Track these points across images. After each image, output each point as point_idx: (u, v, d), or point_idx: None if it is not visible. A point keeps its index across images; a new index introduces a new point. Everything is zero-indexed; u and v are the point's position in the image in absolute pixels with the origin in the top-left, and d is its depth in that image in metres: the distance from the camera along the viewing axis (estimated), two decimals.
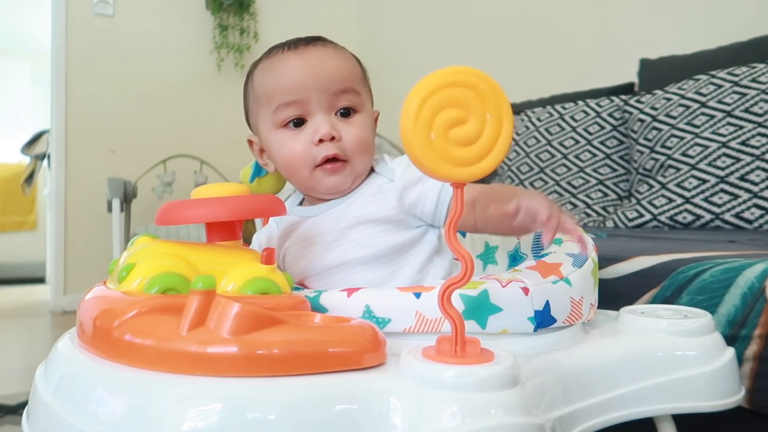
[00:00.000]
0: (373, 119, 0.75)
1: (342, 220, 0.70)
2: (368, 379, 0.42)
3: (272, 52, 0.73)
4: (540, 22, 2.36)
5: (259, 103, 0.72)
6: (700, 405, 0.58)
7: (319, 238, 0.71)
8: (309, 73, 0.69)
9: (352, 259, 0.69)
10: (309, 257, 0.71)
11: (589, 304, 0.60)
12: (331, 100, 0.69)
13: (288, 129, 0.70)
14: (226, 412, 0.38)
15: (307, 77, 0.68)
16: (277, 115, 0.70)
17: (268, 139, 0.72)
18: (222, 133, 2.93)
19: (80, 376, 0.44)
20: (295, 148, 0.70)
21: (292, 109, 0.69)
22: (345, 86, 0.70)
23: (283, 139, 0.71)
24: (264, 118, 0.72)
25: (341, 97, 0.70)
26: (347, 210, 0.71)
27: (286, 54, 0.71)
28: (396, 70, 3.00)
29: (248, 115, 0.77)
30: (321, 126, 0.68)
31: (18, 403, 1.43)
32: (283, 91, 0.69)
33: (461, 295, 0.51)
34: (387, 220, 0.70)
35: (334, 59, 0.71)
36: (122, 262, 0.50)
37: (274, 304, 0.47)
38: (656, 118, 1.55)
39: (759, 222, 1.29)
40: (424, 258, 0.70)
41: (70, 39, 2.76)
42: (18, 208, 4.22)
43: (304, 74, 0.69)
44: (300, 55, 0.70)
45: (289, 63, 0.70)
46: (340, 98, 0.70)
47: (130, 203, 2.60)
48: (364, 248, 0.68)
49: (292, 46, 0.72)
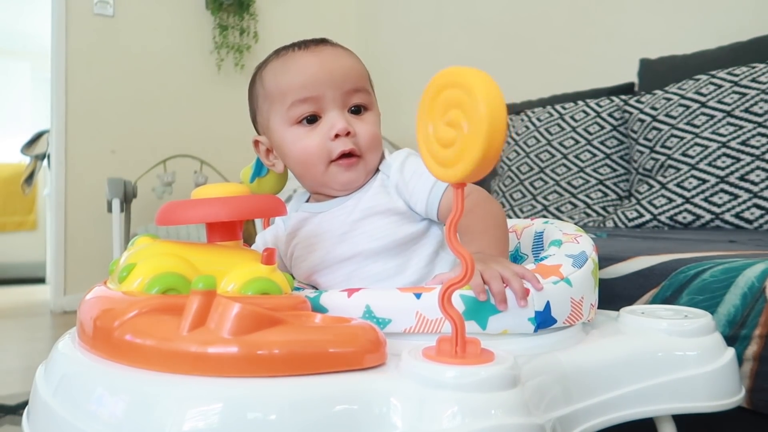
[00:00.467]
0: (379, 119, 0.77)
1: (352, 213, 0.72)
2: (368, 380, 0.42)
3: (281, 52, 0.74)
4: (540, 22, 2.36)
5: (271, 101, 0.73)
6: (700, 405, 0.58)
7: (330, 233, 0.72)
8: (324, 69, 0.70)
9: (363, 250, 0.70)
10: (319, 252, 0.72)
11: (590, 305, 0.60)
12: (344, 97, 0.71)
13: (302, 126, 0.71)
14: (227, 412, 0.38)
15: (322, 74, 0.70)
16: (292, 112, 0.71)
17: (281, 137, 0.73)
18: (222, 133, 2.93)
19: (80, 376, 0.44)
20: (310, 144, 0.71)
21: (307, 106, 0.70)
22: (358, 85, 0.72)
23: (298, 135, 0.71)
24: (277, 115, 0.73)
25: (354, 95, 0.72)
26: (357, 204, 0.72)
27: (299, 53, 0.72)
28: (396, 70, 3.00)
29: (256, 115, 0.78)
30: (337, 121, 0.70)
31: (18, 403, 1.43)
32: (298, 87, 0.70)
33: (462, 295, 0.51)
34: (396, 212, 0.71)
35: (345, 58, 0.73)
36: (123, 263, 0.50)
37: (274, 304, 0.47)
38: (656, 118, 1.55)
39: (759, 222, 1.29)
40: (431, 251, 0.71)
41: (70, 39, 2.76)
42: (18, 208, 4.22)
43: (319, 71, 0.70)
44: (313, 53, 0.72)
45: (303, 60, 0.71)
46: (353, 96, 0.72)
47: (130, 203, 2.60)
48: (375, 240, 0.69)
49: (302, 45, 0.73)
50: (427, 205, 0.69)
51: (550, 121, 1.89)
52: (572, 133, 1.82)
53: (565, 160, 1.81)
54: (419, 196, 0.69)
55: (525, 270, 0.55)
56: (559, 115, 1.88)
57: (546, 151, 1.86)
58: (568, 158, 1.81)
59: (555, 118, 1.89)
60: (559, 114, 1.89)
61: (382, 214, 0.71)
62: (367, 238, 0.70)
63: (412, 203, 0.70)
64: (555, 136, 1.86)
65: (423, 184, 0.69)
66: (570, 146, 1.81)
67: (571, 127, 1.83)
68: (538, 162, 1.87)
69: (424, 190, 0.69)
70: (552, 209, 1.78)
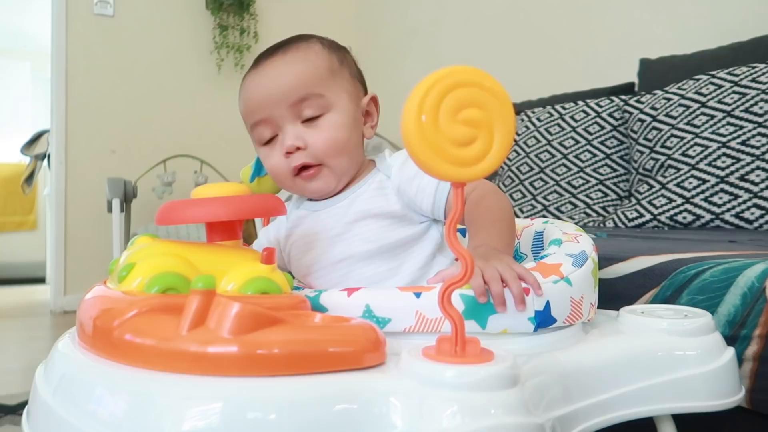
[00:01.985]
0: (359, 109, 0.74)
1: (346, 214, 0.71)
2: (368, 379, 0.42)
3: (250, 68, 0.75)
4: (540, 21, 2.36)
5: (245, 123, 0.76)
6: (700, 405, 0.58)
7: (324, 233, 0.72)
8: (264, 91, 0.71)
9: (355, 253, 0.69)
10: (314, 252, 0.72)
11: (589, 304, 0.60)
12: (292, 110, 0.70)
13: (266, 146, 0.73)
14: (226, 411, 0.38)
15: (264, 95, 0.71)
16: (254, 135, 0.74)
17: (258, 154, 0.77)
18: (222, 133, 2.93)
19: (80, 376, 0.44)
20: (273, 163, 0.72)
21: (262, 128, 0.72)
22: (303, 94, 0.70)
23: (264, 154, 0.74)
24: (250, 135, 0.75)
25: (302, 104, 0.70)
26: (351, 204, 0.72)
27: (250, 74, 0.73)
28: (396, 70, 3.00)
29: None
30: (285, 139, 0.70)
31: (18, 403, 1.43)
32: (251, 112, 0.72)
33: (461, 294, 0.51)
34: (390, 215, 0.70)
35: (289, 68, 0.71)
36: (122, 262, 0.50)
37: (274, 303, 0.47)
38: (656, 118, 1.55)
39: (759, 222, 1.29)
40: (427, 254, 0.70)
41: (70, 39, 2.76)
42: (18, 208, 4.22)
43: (261, 93, 0.71)
44: (259, 73, 0.72)
45: (252, 83, 0.72)
46: (301, 106, 0.70)
47: (130, 203, 2.60)
48: (368, 243, 0.69)
49: (256, 62, 0.74)
50: (434, 203, 0.68)
51: (550, 121, 1.89)
52: (572, 133, 1.82)
53: (565, 160, 1.81)
54: (425, 195, 0.68)
55: (526, 272, 0.53)
56: (559, 115, 1.88)
57: (546, 151, 1.86)
58: (568, 158, 1.81)
59: (555, 118, 1.89)
60: (559, 114, 1.89)
61: (376, 218, 0.70)
62: (361, 240, 0.69)
63: (418, 202, 0.69)
64: (555, 136, 1.86)
65: (429, 181, 0.68)
66: (570, 146, 1.81)
67: (571, 127, 1.83)
68: (538, 162, 1.87)
69: (431, 188, 0.68)
70: (552, 209, 1.78)
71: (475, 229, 0.64)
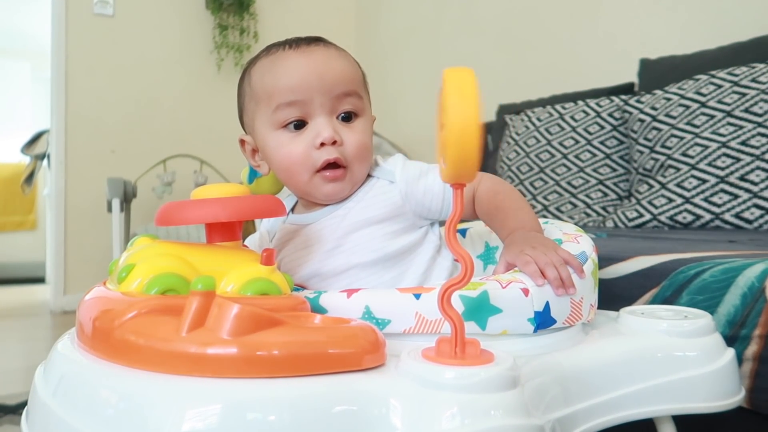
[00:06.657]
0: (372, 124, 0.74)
1: (342, 225, 0.69)
2: (368, 381, 0.42)
3: (272, 50, 0.70)
4: (540, 21, 2.36)
5: (256, 102, 0.70)
6: (700, 406, 0.58)
7: (320, 245, 0.69)
8: (312, 73, 0.66)
9: (358, 263, 0.67)
10: (311, 264, 0.69)
11: (589, 305, 0.60)
12: (333, 103, 0.67)
13: (287, 130, 0.68)
14: (226, 413, 0.38)
15: (311, 77, 0.66)
16: (277, 115, 0.67)
17: (264, 140, 0.70)
18: (222, 133, 2.92)
19: (80, 377, 0.44)
20: (294, 151, 0.67)
21: (293, 110, 0.67)
22: (348, 89, 0.68)
23: (282, 140, 0.68)
24: (262, 117, 0.69)
25: (344, 100, 0.68)
26: (346, 215, 0.69)
27: (288, 52, 0.68)
28: (396, 70, 3.00)
29: (243, 113, 0.74)
30: (323, 129, 0.66)
31: (18, 403, 1.43)
32: (285, 90, 0.66)
33: (461, 296, 0.51)
34: (391, 223, 0.69)
35: (337, 61, 0.69)
36: (122, 263, 0.50)
37: (273, 305, 0.47)
38: (656, 118, 1.55)
39: (759, 222, 1.29)
40: (428, 258, 0.70)
41: (70, 39, 2.76)
42: (18, 208, 4.22)
43: (308, 74, 0.66)
44: (303, 54, 0.68)
45: (292, 62, 0.67)
46: (343, 101, 0.68)
47: (130, 203, 2.60)
48: (371, 252, 0.67)
49: (293, 44, 0.69)
50: (444, 201, 0.68)
51: (550, 121, 1.89)
52: (572, 133, 1.82)
53: (565, 160, 1.81)
54: (434, 195, 0.68)
55: (570, 256, 0.57)
56: (559, 115, 1.88)
57: (546, 151, 1.86)
58: (568, 158, 1.81)
59: (555, 118, 1.89)
60: (559, 114, 1.89)
61: (376, 226, 0.68)
62: (362, 250, 0.67)
63: (426, 203, 0.69)
64: (555, 136, 1.86)
65: (434, 181, 0.68)
66: (570, 146, 1.81)
67: (571, 127, 1.83)
68: (538, 162, 1.87)
69: (438, 187, 0.68)
70: (552, 209, 1.78)
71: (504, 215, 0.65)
